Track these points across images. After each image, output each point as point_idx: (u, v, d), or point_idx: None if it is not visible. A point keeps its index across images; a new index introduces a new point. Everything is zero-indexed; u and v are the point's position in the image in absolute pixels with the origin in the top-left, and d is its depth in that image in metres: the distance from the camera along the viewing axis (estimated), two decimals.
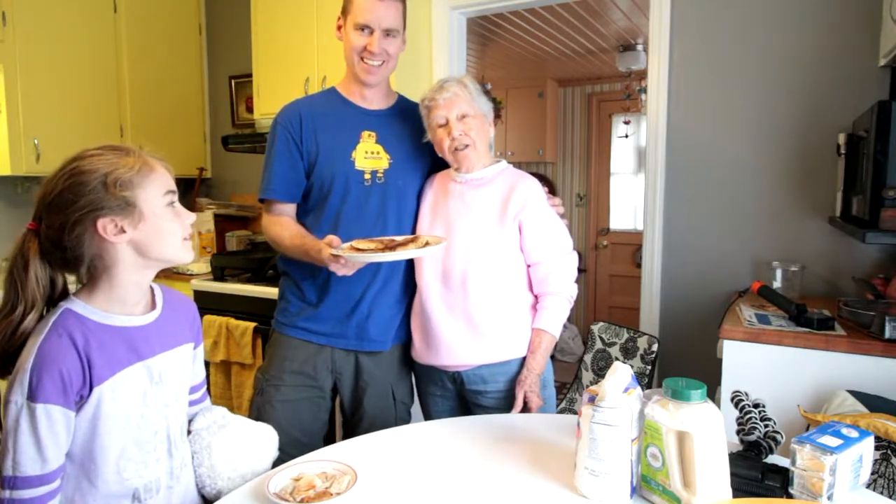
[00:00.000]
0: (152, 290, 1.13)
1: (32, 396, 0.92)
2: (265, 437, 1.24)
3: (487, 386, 1.56)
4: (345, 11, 1.60)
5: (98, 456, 1.00)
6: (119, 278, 1.03)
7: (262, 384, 1.64)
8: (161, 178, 1.05)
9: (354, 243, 1.44)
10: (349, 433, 1.70)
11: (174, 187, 1.07)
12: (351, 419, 1.71)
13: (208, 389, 1.24)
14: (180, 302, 1.19)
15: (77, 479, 1.00)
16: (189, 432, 1.19)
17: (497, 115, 1.49)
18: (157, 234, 1.03)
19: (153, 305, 1.11)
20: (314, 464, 1.12)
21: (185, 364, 1.16)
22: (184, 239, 1.07)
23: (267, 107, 2.84)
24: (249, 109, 3.27)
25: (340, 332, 1.62)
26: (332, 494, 1.01)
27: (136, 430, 1.04)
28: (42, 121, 2.71)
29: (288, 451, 1.54)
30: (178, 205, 1.07)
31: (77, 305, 1.01)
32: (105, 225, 0.99)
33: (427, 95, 1.56)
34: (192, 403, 1.21)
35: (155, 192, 1.04)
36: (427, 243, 1.43)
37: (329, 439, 2.03)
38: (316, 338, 1.62)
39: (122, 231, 1.00)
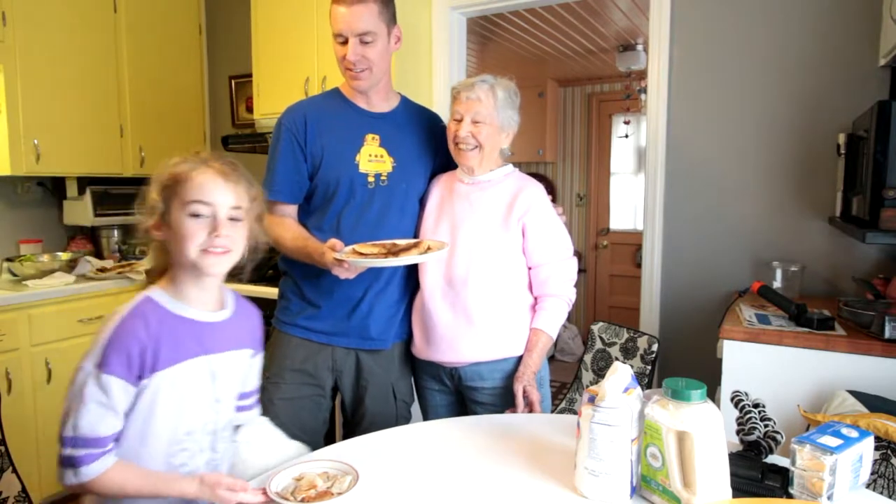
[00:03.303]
0: (223, 292, 1.19)
1: (100, 366, 1.00)
2: (295, 454, 1.27)
3: (485, 382, 1.58)
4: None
5: (151, 440, 1.06)
6: (176, 273, 1.10)
7: (263, 382, 1.64)
8: (192, 187, 1.07)
9: (357, 247, 1.45)
10: (350, 432, 1.70)
11: (207, 198, 1.07)
12: (352, 418, 1.71)
13: None
14: (248, 309, 1.25)
15: (130, 461, 1.05)
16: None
17: None
18: (176, 238, 1.07)
19: (223, 306, 1.17)
20: (316, 463, 1.12)
21: (241, 367, 1.20)
22: (203, 250, 1.07)
23: (267, 107, 2.83)
24: (249, 109, 3.27)
25: (341, 330, 1.62)
26: (333, 494, 1.02)
27: (189, 418, 1.10)
28: (42, 121, 2.71)
29: None
30: (203, 217, 1.07)
31: (156, 293, 1.10)
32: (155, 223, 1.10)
33: (457, 85, 1.59)
34: (241, 409, 1.25)
35: (181, 198, 1.07)
36: (429, 248, 1.45)
37: (329, 439, 2.03)
38: (316, 336, 1.63)
39: (160, 230, 1.09)
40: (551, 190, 5.41)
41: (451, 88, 1.60)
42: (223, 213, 1.08)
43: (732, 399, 1.11)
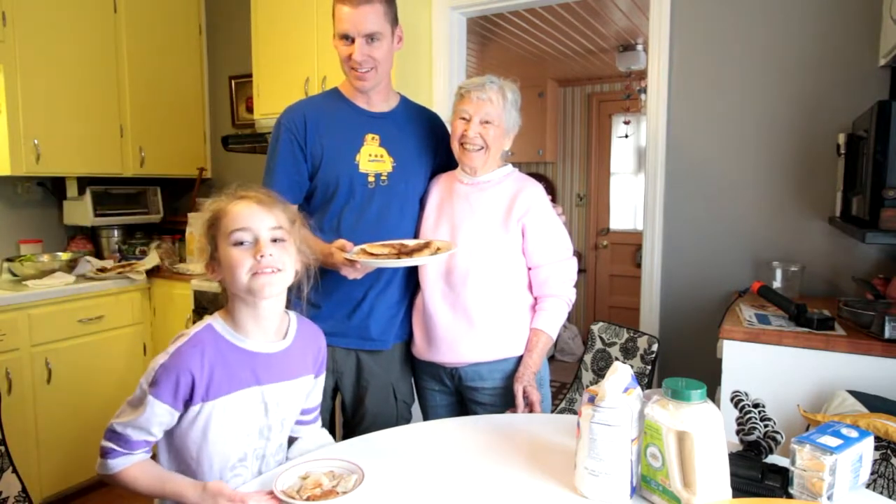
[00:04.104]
0: (289, 320, 1.22)
1: (150, 386, 1.07)
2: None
3: (485, 382, 1.58)
4: (333, 22, 1.60)
5: (205, 463, 1.12)
6: (233, 305, 1.14)
7: None
8: (230, 219, 1.11)
9: (366, 247, 1.45)
10: (350, 433, 1.70)
11: (246, 224, 1.10)
12: (352, 419, 1.71)
13: None
14: (311, 335, 1.26)
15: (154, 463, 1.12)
16: (288, 442, 1.26)
17: None
18: (227, 270, 1.11)
19: (284, 335, 1.19)
20: (321, 462, 1.12)
21: (299, 394, 1.22)
22: (253, 273, 1.09)
23: (267, 107, 2.84)
24: (249, 109, 3.27)
25: (341, 330, 1.62)
26: (338, 493, 1.02)
27: (241, 445, 1.14)
28: (42, 121, 2.71)
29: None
30: (247, 243, 1.10)
31: (217, 323, 1.14)
32: (207, 263, 1.16)
33: (466, 84, 1.57)
34: (301, 423, 1.28)
35: (223, 232, 1.12)
36: (438, 249, 1.45)
37: None
38: None
39: (214, 271, 1.15)
40: (551, 190, 5.42)
41: (458, 87, 1.58)
42: (265, 235, 1.11)
43: (732, 399, 1.11)
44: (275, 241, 1.12)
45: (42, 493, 2.52)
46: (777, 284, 2.09)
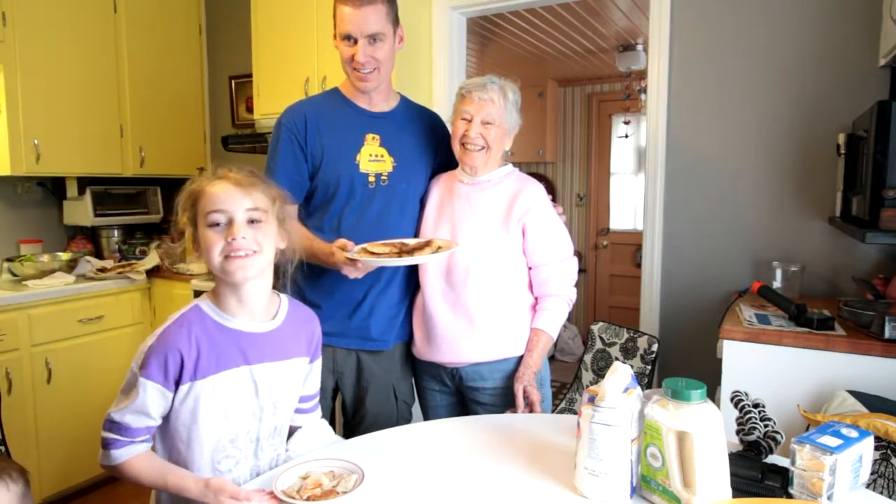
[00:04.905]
0: (280, 301, 1.22)
1: (140, 369, 1.07)
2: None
3: (486, 382, 1.58)
4: (333, 23, 1.60)
5: (196, 446, 1.11)
6: (218, 285, 1.15)
7: None
8: (207, 200, 1.11)
9: (367, 246, 1.45)
10: (350, 433, 1.70)
11: (221, 206, 1.10)
12: (352, 419, 1.71)
13: None
14: (304, 318, 1.26)
15: (156, 455, 1.12)
16: (289, 433, 1.26)
17: None
18: (204, 251, 1.12)
19: (273, 316, 1.19)
20: (322, 462, 1.12)
21: (292, 376, 1.22)
22: (226, 256, 1.09)
23: (267, 107, 2.84)
24: (249, 109, 3.27)
25: (342, 331, 1.62)
26: (338, 493, 1.02)
27: (232, 426, 1.13)
28: (42, 121, 2.71)
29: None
30: (222, 225, 1.10)
31: (205, 303, 1.15)
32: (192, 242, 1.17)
33: (467, 84, 1.56)
34: (301, 411, 1.29)
35: (201, 213, 1.12)
36: (439, 248, 1.45)
37: None
38: None
39: (198, 250, 1.15)
40: (551, 190, 5.42)
41: (459, 87, 1.59)
42: (240, 217, 1.10)
43: (732, 399, 1.11)
44: (252, 222, 1.11)
45: (42, 493, 2.52)
46: (777, 284, 2.09)
